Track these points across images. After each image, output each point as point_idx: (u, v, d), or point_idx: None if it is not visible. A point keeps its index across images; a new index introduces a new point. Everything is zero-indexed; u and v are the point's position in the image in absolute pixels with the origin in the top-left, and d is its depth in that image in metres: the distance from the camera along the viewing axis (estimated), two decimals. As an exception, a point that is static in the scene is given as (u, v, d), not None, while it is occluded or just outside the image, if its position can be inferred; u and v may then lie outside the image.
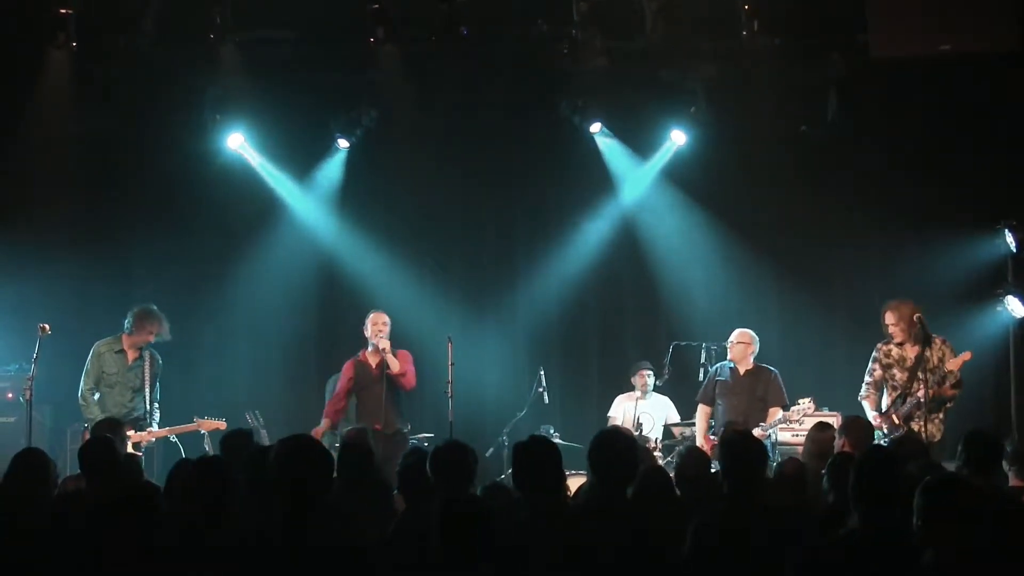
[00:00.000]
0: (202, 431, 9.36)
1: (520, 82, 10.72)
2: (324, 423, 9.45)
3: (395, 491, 5.90)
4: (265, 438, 9.65)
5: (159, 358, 9.46)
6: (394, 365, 9.41)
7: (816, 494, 5.89)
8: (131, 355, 9.31)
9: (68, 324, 9.80)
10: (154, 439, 9.25)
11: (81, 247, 10.90)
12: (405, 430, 9.58)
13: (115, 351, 9.30)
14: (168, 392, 9.68)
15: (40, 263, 10.51)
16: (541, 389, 10.23)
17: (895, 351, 8.97)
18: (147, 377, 9.22)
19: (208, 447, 9.32)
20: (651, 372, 10.30)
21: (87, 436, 8.36)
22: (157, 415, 9.34)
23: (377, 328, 9.50)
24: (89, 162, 10.98)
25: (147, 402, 9.21)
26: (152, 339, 9.32)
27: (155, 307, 9.38)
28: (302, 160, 11.21)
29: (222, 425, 9.31)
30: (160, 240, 11.02)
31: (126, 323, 9.33)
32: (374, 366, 9.51)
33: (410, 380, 9.56)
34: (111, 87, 10.61)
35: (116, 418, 8.49)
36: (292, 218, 11.32)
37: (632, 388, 10.38)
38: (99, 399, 9.23)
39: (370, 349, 9.54)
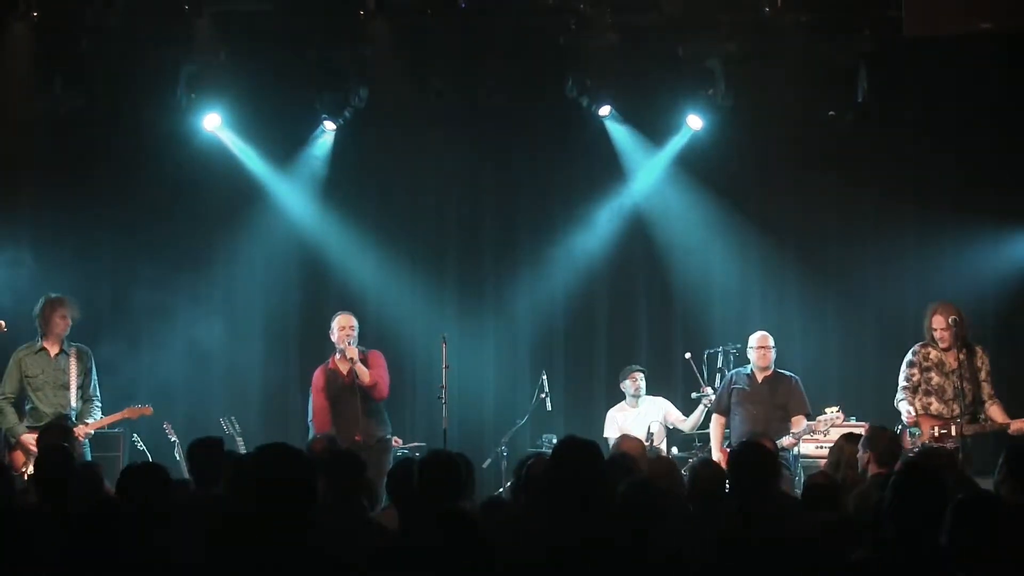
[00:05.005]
0: (131, 418, 9.43)
1: (523, 60, 10.49)
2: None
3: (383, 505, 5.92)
4: (241, 446, 9.65)
5: (87, 350, 9.44)
6: (364, 375, 9.17)
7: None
8: (52, 351, 9.30)
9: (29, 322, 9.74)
10: (92, 432, 9.22)
11: (43, 237, 10.75)
12: (388, 436, 9.43)
13: (35, 352, 9.31)
14: (134, 396, 9.66)
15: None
16: (543, 395, 10.15)
17: (934, 354, 8.91)
18: (73, 373, 9.24)
19: (179, 455, 9.31)
20: (643, 374, 10.20)
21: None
22: (97, 413, 9.34)
23: (344, 333, 9.28)
24: (52, 144, 10.72)
25: (74, 399, 9.20)
26: (68, 323, 9.31)
27: (52, 294, 9.38)
28: (285, 143, 11.08)
29: (148, 411, 9.42)
30: (129, 231, 10.90)
31: (37, 326, 9.34)
32: (345, 373, 9.31)
33: (381, 390, 9.30)
34: (76, 62, 10.51)
35: (67, 425, 8.54)
36: (273, 206, 11.18)
37: (622, 396, 10.25)
38: (31, 407, 9.17)
39: (338, 355, 9.36)
